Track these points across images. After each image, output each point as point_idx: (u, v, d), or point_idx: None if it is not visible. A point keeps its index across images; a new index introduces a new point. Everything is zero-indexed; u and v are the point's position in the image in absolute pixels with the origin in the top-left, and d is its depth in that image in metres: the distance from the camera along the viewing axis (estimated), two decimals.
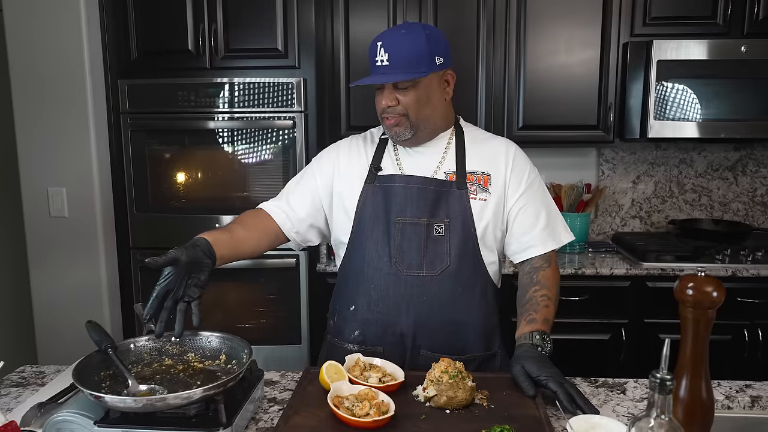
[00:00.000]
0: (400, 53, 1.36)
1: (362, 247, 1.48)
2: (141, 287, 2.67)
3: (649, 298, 2.53)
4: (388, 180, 1.48)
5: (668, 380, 0.79)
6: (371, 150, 1.54)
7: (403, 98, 1.40)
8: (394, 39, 1.38)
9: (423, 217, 1.44)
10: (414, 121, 1.42)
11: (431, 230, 1.44)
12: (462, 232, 1.44)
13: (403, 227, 1.45)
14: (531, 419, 1.16)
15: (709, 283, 0.92)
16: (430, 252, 1.44)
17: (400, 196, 1.46)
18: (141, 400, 1.07)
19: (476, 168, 1.48)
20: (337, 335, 1.54)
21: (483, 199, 1.45)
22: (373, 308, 1.47)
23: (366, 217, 1.48)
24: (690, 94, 2.62)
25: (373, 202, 1.47)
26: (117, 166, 2.60)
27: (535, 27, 2.70)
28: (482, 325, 1.49)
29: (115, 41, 2.57)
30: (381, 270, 1.45)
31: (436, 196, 1.45)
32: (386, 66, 1.37)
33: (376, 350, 1.45)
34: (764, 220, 3.07)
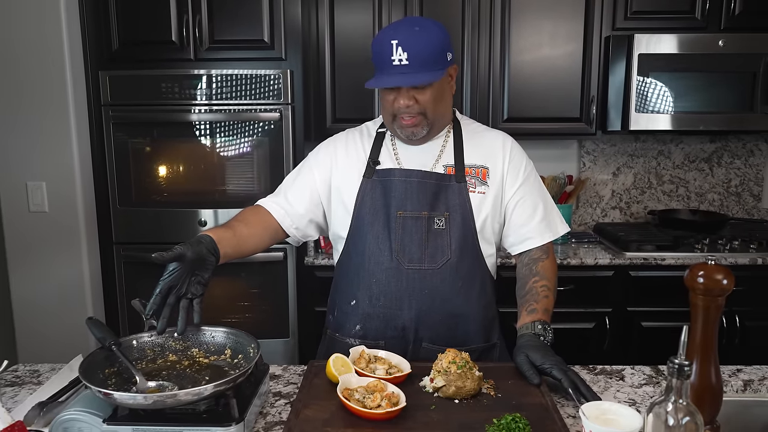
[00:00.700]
0: (419, 52, 1.33)
1: (362, 241, 1.48)
2: (125, 283, 2.63)
3: (631, 287, 2.59)
4: (387, 174, 1.48)
5: (686, 366, 0.81)
6: (368, 144, 1.53)
7: (422, 97, 1.38)
8: (411, 37, 1.33)
9: (423, 210, 1.45)
10: (431, 118, 1.43)
11: (432, 224, 1.45)
12: (462, 225, 1.45)
13: (404, 221, 1.45)
14: (538, 407, 1.18)
15: (719, 271, 0.95)
16: (431, 245, 1.44)
17: (401, 190, 1.46)
18: (151, 397, 1.06)
19: (474, 161, 1.49)
20: (338, 330, 1.54)
21: (482, 192, 1.47)
22: (374, 302, 1.47)
23: (365, 212, 1.47)
24: (670, 87, 2.68)
25: (372, 196, 1.47)
26: (98, 159, 2.54)
27: (519, 20, 2.72)
28: (482, 317, 1.50)
29: (95, 31, 2.50)
30: (382, 264, 1.45)
31: (436, 189, 1.45)
32: (406, 65, 1.33)
33: (377, 344, 1.45)
34: (738, 210, 3.16)
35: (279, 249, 2.59)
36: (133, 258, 2.61)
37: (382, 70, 1.37)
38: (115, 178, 2.56)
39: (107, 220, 2.59)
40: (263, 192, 2.55)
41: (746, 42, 2.63)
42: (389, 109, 1.43)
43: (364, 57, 2.72)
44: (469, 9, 2.71)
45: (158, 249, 2.79)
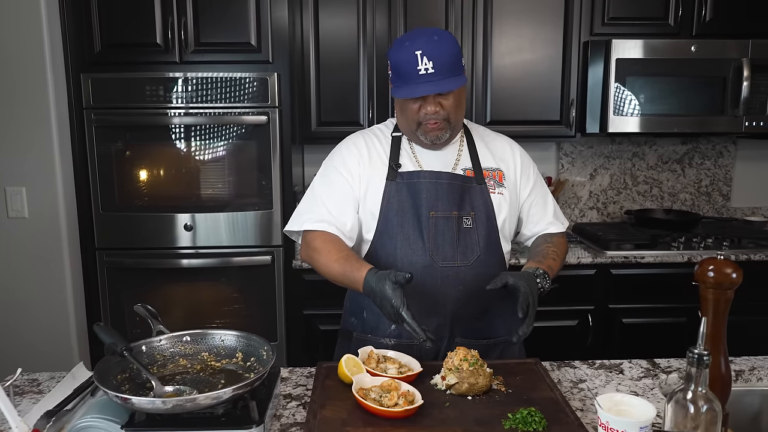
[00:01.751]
0: (443, 60, 1.38)
1: (392, 242, 1.50)
2: (108, 289, 2.57)
3: (613, 284, 2.67)
4: (413, 176, 1.51)
5: (705, 356, 0.85)
6: (387, 147, 1.56)
7: (446, 102, 1.44)
8: (433, 46, 1.38)
9: (453, 210, 1.50)
10: (453, 122, 1.48)
11: (461, 223, 1.50)
12: (486, 224, 1.51)
13: (436, 221, 1.49)
14: (549, 401, 1.21)
15: (729, 266, 1.00)
16: (462, 243, 1.49)
17: (431, 192, 1.50)
18: (170, 401, 1.05)
19: (489, 164, 1.56)
20: (371, 331, 1.54)
21: (501, 193, 1.54)
22: (410, 301, 1.48)
23: (392, 214, 1.50)
24: (645, 90, 2.77)
25: (398, 198, 1.50)
26: (80, 163, 2.49)
27: (501, 25, 2.78)
28: (505, 311, 1.54)
29: (76, 33, 2.45)
30: (416, 263, 1.48)
31: (462, 191, 1.51)
32: (432, 74, 1.37)
33: (412, 343, 1.44)
34: (708, 209, 3.28)
35: (267, 253, 2.58)
36: (116, 264, 2.56)
37: (408, 80, 1.40)
38: (98, 182, 2.51)
39: (89, 225, 2.53)
40: (250, 195, 2.55)
41: (716, 48, 2.73)
42: (414, 118, 1.46)
43: (348, 61, 2.75)
44: (452, 14, 2.75)
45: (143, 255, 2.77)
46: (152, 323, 1.35)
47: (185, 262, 2.58)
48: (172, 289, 2.60)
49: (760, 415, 1.42)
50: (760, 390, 1.42)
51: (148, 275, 2.58)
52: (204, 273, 2.59)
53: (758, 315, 2.61)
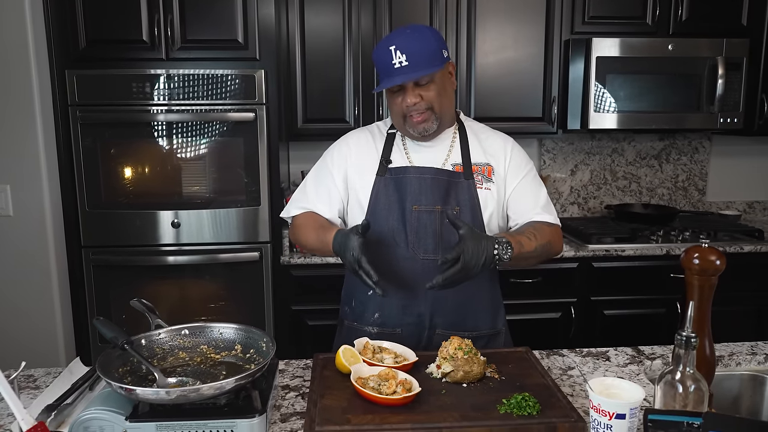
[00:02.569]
0: (416, 51, 1.42)
1: (378, 234, 1.54)
2: (94, 287, 2.56)
3: (595, 277, 2.73)
4: (401, 171, 1.55)
5: (693, 338, 0.90)
6: (380, 143, 1.60)
7: (426, 93, 1.47)
8: (406, 39, 1.43)
9: (437, 205, 1.52)
10: (438, 112, 1.50)
11: (444, 217, 1.52)
12: (471, 219, 1.53)
13: (419, 215, 1.52)
14: (542, 387, 1.26)
15: (713, 253, 1.05)
16: (445, 237, 1.52)
17: (415, 186, 1.53)
18: (174, 392, 1.07)
19: (479, 159, 1.57)
20: (357, 319, 1.60)
21: (488, 188, 1.55)
22: (392, 292, 1.52)
23: (380, 207, 1.54)
24: (624, 88, 2.84)
25: (386, 192, 1.54)
26: (66, 161, 2.47)
27: (484, 24, 2.82)
28: (489, 304, 1.60)
29: (61, 28, 2.43)
30: (398, 255, 1.52)
31: (447, 186, 1.53)
32: (406, 66, 1.42)
33: (394, 332, 1.51)
34: (685, 203, 3.37)
35: (255, 249, 2.59)
36: (102, 261, 2.55)
37: (385, 74, 1.46)
38: (84, 180, 2.49)
39: (75, 223, 2.52)
40: (237, 192, 2.56)
41: (692, 46, 2.82)
42: (399, 111, 1.50)
43: (334, 59, 2.77)
44: (437, 12, 2.78)
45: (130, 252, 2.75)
46: (150, 317, 1.36)
47: (172, 259, 2.58)
48: (160, 286, 2.60)
49: (739, 398, 1.49)
50: (739, 374, 1.49)
51: (135, 273, 2.57)
52: (191, 270, 2.60)
53: (734, 305, 2.70)
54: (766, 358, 1.53)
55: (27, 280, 2.44)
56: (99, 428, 1.08)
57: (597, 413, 1.06)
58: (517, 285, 2.69)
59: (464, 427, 1.11)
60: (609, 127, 2.85)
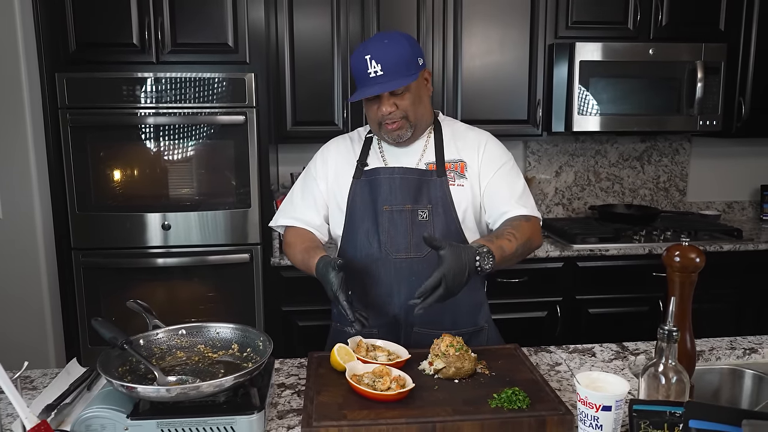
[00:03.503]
0: (391, 61, 1.44)
1: (354, 237, 1.58)
2: (84, 289, 2.56)
3: (579, 276, 2.79)
4: (373, 173, 1.58)
5: (674, 331, 0.95)
6: (358, 148, 1.64)
7: (401, 102, 1.50)
8: (381, 49, 1.45)
9: (407, 204, 1.55)
10: (413, 120, 1.53)
11: (415, 216, 1.55)
12: (444, 216, 1.55)
13: (390, 215, 1.55)
14: (531, 382, 1.30)
15: (693, 251, 1.10)
16: (416, 236, 1.54)
17: (385, 186, 1.56)
18: (175, 389, 1.10)
19: (453, 156, 1.58)
20: (339, 320, 1.64)
21: (461, 184, 1.56)
22: (368, 292, 1.56)
23: (356, 210, 1.58)
24: (607, 91, 2.90)
25: (361, 195, 1.58)
26: (56, 163, 2.48)
27: (470, 28, 2.87)
28: (469, 302, 1.62)
29: (51, 31, 2.43)
30: (372, 256, 1.56)
31: (418, 184, 1.56)
32: (381, 75, 1.44)
33: (371, 332, 1.54)
34: (666, 204, 3.45)
35: (245, 251, 2.61)
36: (92, 264, 2.56)
37: (361, 83, 1.49)
38: (74, 182, 2.50)
39: (65, 225, 2.52)
40: (227, 194, 2.58)
41: (672, 51, 2.89)
42: (374, 118, 1.54)
43: (323, 62, 2.80)
44: (423, 17, 2.83)
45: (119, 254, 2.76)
46: (147, 318, 1.38)
47: (161, 261, 2.59)
48: (150, 288, 2.61)
49: (719, 390, 1.54)
50: (719, 368, 1.55)
51: (125, 275, 2.58)
52: (182, 272, 2.61)
53: (715, 302, 2.78)
54: (745, 352, 1.58)
55: (17, 283, 2.44)
56: (100, 426, 1.10)
57: (584, 406, 1.10)
58: (503, 284, 2.74)
59: (457, 420, 1.14)
60: (592, 130, 2.92)
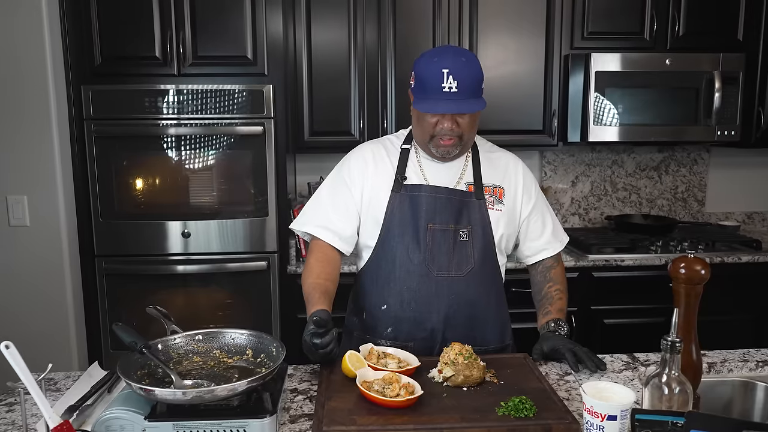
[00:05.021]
0: (467, 81, 1.46)
1: (392, 251, 1.60)
2: (107, 295, 2.64)
3: (594, 286, 2.79)
4: (416, 189, 1.60)
5: (678, 342, 0.96)
6: (395, 159, 1.65)
7: (462, 122, 1.52)
8: (459, 66, 1.46)
9: (450, 223, 1.59)
10: (465, 140, 1.56)
11: (457, 236, 1.59)
12: (483, 238, 1.60)
13: (434, 233, 1.58)
14: (539, 391, 1.32)
15: (698, 263, 1.12)
16: (457, 255, 1.58)
17: (430, 205, 1.59)
18: (190, 392, 1.14)
19: (492, 181, 1.64)
20: (369, 332, 1.65)
21: (499, 210, 1.62)
22: (405, 307, 1.59)
23: (395, 223, 1.59)
24: (623, 101, 2.91)
25: (401, 209, 1.59)
26: (80, 172, 2.56)
27: (486, 39, 2.90)
28: (498, 320, 1.67)
29: (77, 45, 2.52)
30: (413, 272, 1.58)
31: (460, 205, 1.60)
32: (455, 93, 1.45)
33: (407, 345, 1.55)
34: (684, 214, 3.43)
35: (262, 258, 2.66)
36: (115, 270, 2.63)
37: (431, 95, 1.48)
38: (98, 191, 2.57)
39: (89, 233, 2.60)
40: (245, 203, 2.63)
41: (689, 61, 2.88)
42: (429, 131, 1.54)
43: (339, 73, 2.85)
44: (439, 28, 2.87)
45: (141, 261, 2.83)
46: (165, 323, 1.43)
47: (181, 269, 2.65)
48: (170, 294, 2.67)
49: (731, 402, 1.54)
50: (731, 380, 1.55)
51: (146, 281, 2.65)
52: (201, 279, 2.67)
53: (733, 314, 2.76)
54: (758, 365, 1.58)
55: (42, 287, 2.52)
56: (120, 427, 1.14)
57: (590, 415, 1.12)
58: (518, 294, 2.73)
59: (464, 427, 1.17)
60: (608, 140, 2.92)
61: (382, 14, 2.83)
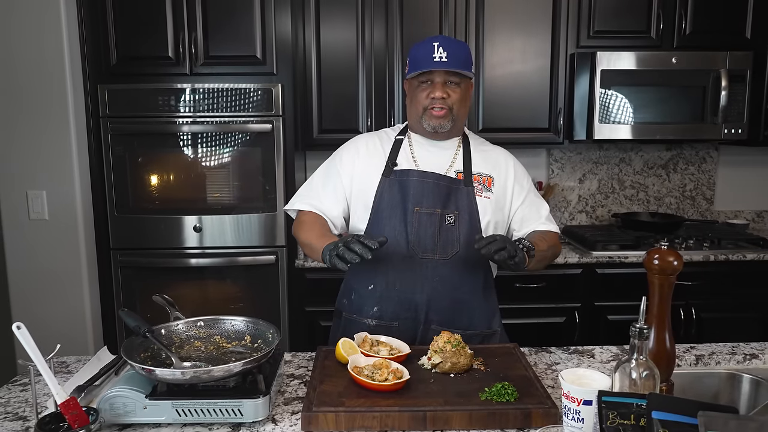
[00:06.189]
0: (456, 53, 1.59)
1: (380, 232, 1.65)
2: (121, 287, 2.73)
3: (598, 283, 2.82)
4: (405, 174, 1.67)
5: (645, 329, 1.01)
6: (388, 147, 1.73)
7: (453, 94, 1.62)
8: (448, 41, 1.59)
9: (437, 208, 1.65)
10: (455, 115, 1.64)
11: (444, 220, 1.64)
12: (469, 223, 1.65)
13: (420, 216, 1.64)
14: (523, 378, 1.37)
15: (671, 254, 1.16)
16: (443, 239, 1.64)
17: (417, 189, 1.65)
18: (188, 372, 1.21)
19: (481, 170, 1.70)
20: (356, 312, 1.71)
21: (487, 197, 1.68)
22: (390, 287, 1.65)
23: (383, 207, 1.66)
24: (629, 100, 2.93)
25: (390, 192, 1.66)
26: (97, 169, 2.66)
27: (492, 38, 2.94)
28: (484, 305, 1.71)
29: (94, 46, 2.63)
30: (399, 254, 1.64)
31: (448, 191, 1.66)
32: (445, 62, 1.57)
33: (391, 325, 1.63)
34: (693, 212, 3.43)
35: (271, 253, 2.74)
36: (129, 263, 2.73)
37: (423, 65, 1.59)
38: (113, 186, 2.67)
39: (105, 226, 2.70)
40: (255, 199, 2.71)
41: (696, 59, 2.89)
42: (422, 103, 1.63)
43: (348, 72, 2.92)
44: (446, 26, 2.91)
45: (155, 254, 2.92)
46: (170, 310, 1.50)
47: (194, 262, 2.74)
48: (182, 286, 2.76)
49: (718, 394, 1.57)
50: (718, 372, 1.58)
51: (159, 273, 2.74)
52: (211, 272, 2.75)
53: (740, 311, 2.78)
54: (745, 357, 1.61)
55: (61, 279, 2.62)
56: (122, 405, 1.22)
57: (567, 400, 1.16)
58: (522, 290, 2.79)
59: (446, 410, 1.22)
60: (614, 138, 2.94)
61: (390, 14, 2.89)
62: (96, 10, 2.61)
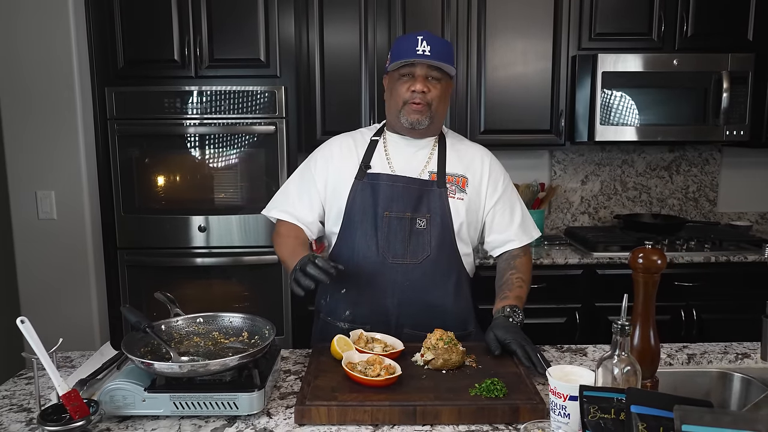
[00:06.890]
0: (440, 48, 1.59)
1: (352, 237, 1.68)
2: (128, 286, 2.79)
3: (599, 284, 2.83)
4: (376, 178, 1.67)
5: (627, 325, 1.03)
6: (362, 149, 1.72)
7: (433, 89, 1.61)
8: (433, 37, 1.60)
9: (407, 212, 1.65)
10: (433, 112, 1.64)
11: (414, 224, 1.65)
12: (441, 226, 1.65)
13: (390, 221, 1.65)
14: (513, 375, 1.39)
15: (655, 253, 1.18)
16: (413, 243, 1.65)
17: (387, 193, 1.65)
18: (186, 366, 1.25)
19: (455, 171, 1.69)
20: (330, 314, 1.74)
21: (460, 198, 1.67)
22: (362, 291, 1.67)
23: (356, 210, 1.67)
24: (631, 101, 2.94)
25: (362, 196, 1.67)
26: (104, 169, 2.71)
27: (494, 40, 2.97)
28: (457, 308, 1.72)
29: (101, 50, 2.69)
30: (369, 258, 1.65)
31: (419, 193, 1.66)
32: (428, 55, 1.57)
33: (364, 328, 1.63)
34: (695, 214, 3.43)
35: (274, 253, 2.76)
36: (136, 262, 2.78)
37: (405, 57, 1.60)
38: (120, 187, 2.73)
39: (112, 226, 2.75)
40: (259, 199, 2.75)
41: (698, 61, 2.90)
42: (402, 96, 1.62)
43: (351, 75, 2.95)
44: (448, 29, 2.94)
45: (161, 254, 2.97)
46: (170, 307, 1.55)
47: (199, 261, 2.79)
48: (187, 285, 2.81)
49: (709, 393, 1.59)
50: (709, 371, 1.59)
51: (165, 273, 2.79)
52: (217, 271, 2.80)
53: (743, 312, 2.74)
54: (737, 356, 1.62)
55: (68, 277, 2.68)
56: (122, 397, 1.26)
57: (554, 396, 1.19)
58: None
59: (436, 405, 1.25)
60: (616, 140, 2.96)
61: (393, 17, 2.92)
62: (103, 14, 2.67)
